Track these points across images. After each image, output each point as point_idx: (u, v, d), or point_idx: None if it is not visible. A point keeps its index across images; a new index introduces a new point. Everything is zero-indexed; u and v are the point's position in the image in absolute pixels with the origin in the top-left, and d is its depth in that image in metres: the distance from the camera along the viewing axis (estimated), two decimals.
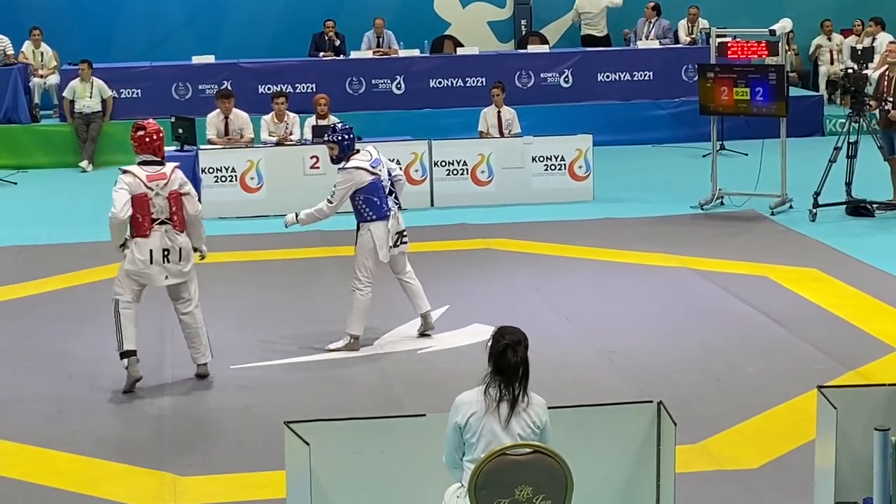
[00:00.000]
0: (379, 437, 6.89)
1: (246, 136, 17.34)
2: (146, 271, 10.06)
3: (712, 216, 16.18)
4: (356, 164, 10.88)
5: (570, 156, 17.28)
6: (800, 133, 20.44)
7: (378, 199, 10.85)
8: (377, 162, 10.95)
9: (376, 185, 10.85)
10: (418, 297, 11.29)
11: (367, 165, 10.87)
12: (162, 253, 10.06)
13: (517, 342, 6.26)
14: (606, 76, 21.86)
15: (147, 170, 10.08)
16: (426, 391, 10.00)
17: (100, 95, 20.30)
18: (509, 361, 6.22)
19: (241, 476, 8.53)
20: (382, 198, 10.87)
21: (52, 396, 10.12)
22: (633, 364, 10.61)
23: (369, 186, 10.82)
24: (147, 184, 10.00)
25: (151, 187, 10.01)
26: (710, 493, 8.16)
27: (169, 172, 10.10)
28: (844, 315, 11.81)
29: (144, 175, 10.03)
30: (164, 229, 10.07)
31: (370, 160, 10.91)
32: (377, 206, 10.85)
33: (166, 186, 10.05)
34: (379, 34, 22.06)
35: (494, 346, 6.28)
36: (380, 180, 10.88)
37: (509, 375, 6.23)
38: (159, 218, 10.05)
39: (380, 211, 10.86)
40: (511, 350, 6.23)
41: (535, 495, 6.04)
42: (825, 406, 7.30)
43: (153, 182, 10.03)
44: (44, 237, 15.39)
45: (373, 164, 10.89)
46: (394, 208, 10.98)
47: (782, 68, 16.26)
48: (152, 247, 10.03)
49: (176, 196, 10.08)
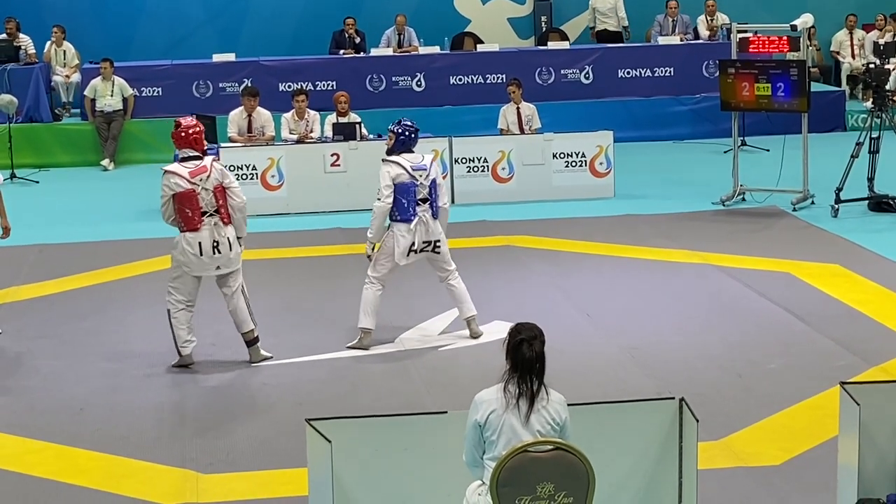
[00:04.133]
0: (400, 435, 6.90)
1: (267, 134, 17.36)
2: (196, 262, 10.34)
3: (734, 212, 16.15)
4: (397, 160, 10.84)
5: (590, 152, 17.26)
6: (821, 129, 20.37)
7: (406, 201, 10.78)
8: (421, 168, 10.84)
9: (409, 187, 10.78)
10: (460, 302, 11.21)
11: (408, 166, 10.80)
12: (211, 245, 10.32)
13: (533, 337, 6.27)
14: (627, 72, 21.82)
15: (188, 165, 10.34)
16: (447, 388, 10.00)
17: (121, 94, 20.36)
18: (525, 355, 6.23)
19: (263, 473, 8.54)
20: (411, 201, 10.79)
21: (74, 395, 10.15)
22: (655, 360, 10.60)
23: (401, 186, 10.77)
24: (191, 180, 10.26)
25: (196, 182, 10.27)
26: (733, 489, 8.14)
27: (209, 165, 10.34)
28: (867, 311, 11.77)
29: (187, 172, 10.28)
30: (212, 222, 10.35)
31: (414, 164, 10.83)
32: (403, 207, 10.80)
33: (209, 179, 10.30)
34: (400, 31, 22.06)
35: (511, 341, 6.30)
36: (414, 184, 10.79)
37: (526, 370, 6.24)
38: (208, 211, 10.32)
39: (404, 213, 10.81)
40: (527, 344, 6.24)
41: (556, 492, 6.03)
42: (848, 402, 7.28)
43: (196, 177, 10.29)
44: (65, 236, 15.44)
45: (414, 167, 10.81)
46: (424, 216, 10.87)
47: (804, 63, 16.21)
48: (202, 239, 10.31)
49: (220, 189, 10.34)
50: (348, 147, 16.67)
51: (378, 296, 10.99)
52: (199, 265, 10.40)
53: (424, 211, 10.87)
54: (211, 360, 10.85)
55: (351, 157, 16.59)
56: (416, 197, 10.81)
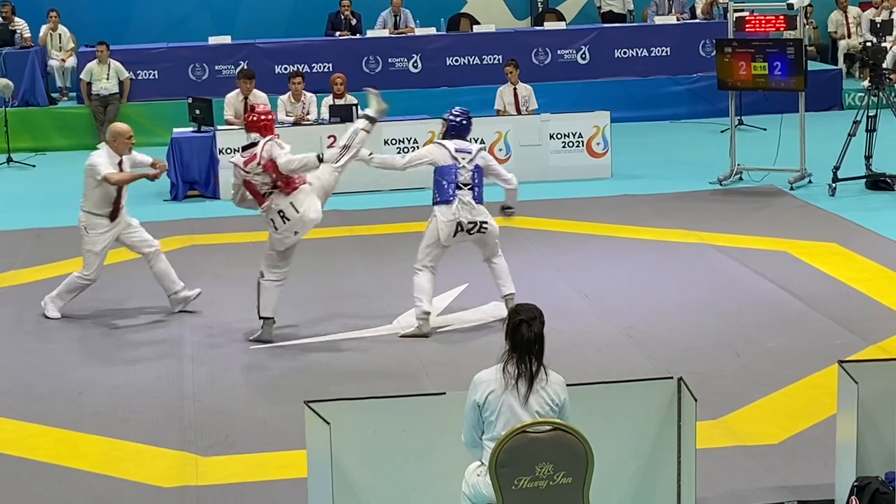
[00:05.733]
0: (399, 416, 6.91)
1: None
2: (277, 237, 10.76)
3: (731, 192, 16.14)
4: (444, 142, 11.01)
5: (587, 132, 17.25)
6: (818, 107, 20.34)
7: (447, 183, 10.83)
8: (465, 151, 10.93)
9: (450, 169, 10.84)
10: (500, 280, 11.19)
11: (452, 149, 10.91)
12: (279, 216, 10.68)
13: (532, 318, 6.29)
14: (624, 52, 21.79)
15: (245, 155, 10.81)
16: (446, 369, 10.01)
17: (117, 77, 20.32)
18: (523, 336, 6.25)
19: (263, 456, 8.55)
20: (451, 183, 10.82)
21: (73, 378, 10.15)
22: (653, 340, 10.60)
23: (443, 168, 10.86)
24: (245, 169, 10.75)
25: (248, 171, 10.72)
26: (731, 468, 8.15)
27: (259, 151, 10.67)
28: (865, 289, 11.78)
29: (242, 162, 10.79)
30: (271, 197, 10.72)
31: (459, 147, 10.93)
32: (443, 189, 10.85)
33: (259, 164, 10.64)
34: (396, 13, 22.01)
35: (510, 322, 6.33)
36: (455, 167, 10.84)
37: (524, 351, 6.26)
38: (266, 191, 10.72)
39: (444, 195, 10.84)
40: (526, 325, 6.27)
41: (555, 472, 6.04)
42: (846, 381, 7.29)
43: (248, 166, 10.72)
44: (63, 220, 15.38)
45: (458, 149, 10.91)
46: (464, 198, 10.82)
47: (800, 42, 16.19)
48: (273, 217, 10.72)
49: (270, 164, 10.63)
50: (344, 129, 16.60)
51: (430, 280, 10.94)
52: (279, 240, 10.76)
53: (465, 194, 10.86)
54: (209, 342, 10.86)
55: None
56: (456, 179, 10.84)
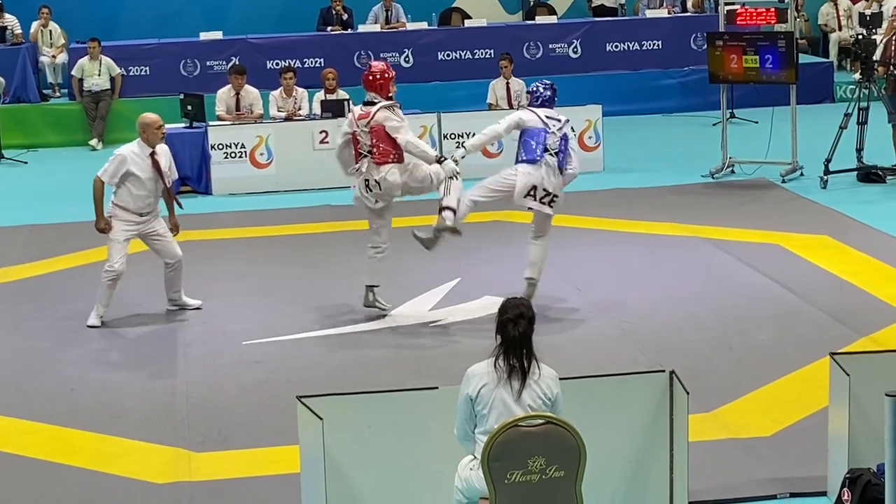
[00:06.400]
0: (392, 411, 6.92)
1: (255, 112, 17.33)
2: (359, 196, 10.96)
3: (723, 185, 16.15)
4: (534, 110, 11.10)
5: (579, 126, 17.22)
6: (810, 100, 20.37)
7: (535, 143, 10.91)
8: (556, 122, 11.03)
9: (539, 132, 10.93)
10: (530, 263, 11.29)
11: (543, 115, 11.01)
12: (364, 182, 10.83)
13: (519, 315, 6.33)
14: (615, 46, 21.78)
15: (363, 110, 10.89)
16: (438, 363, 10.01)
17: (108, 73, 20.29)
18: (510, 335, 6.29)
19: (256, 451, 8.55)
20: (539, 144, 10.91)
21: (66, 375, 10.15)
22: (646, 333, 10.62)
23: (533, 130, 10.95)
24: (356, 122, 10.86)
25: (358, 125, 10.83)
26: (724, 461, 8.16)
27: (373, 112, 10.77)
28: (857, 282, 11.80)
29: (357, 114, 10.90)
30: (366, 162, 10.82)
31: (549, 115, 11.04)
32: (531, 148, 10.92)
33: (368, 124, 10.74)
34: (387, 7, 21.98)
35: (499, 319, 6.38)
36: (546, 131, 10.94)
37: (515, 347, 6.28)
38: (362, 152, 10.85)
39: (531, 153, 10.91)
40: (512, 324, 6.31)
41: (548, 466, 6.05)
42: (838, 373, 7.31)
43: (360, 121, 10.82)
44: (55, 216, 15.40)
45: (548, 116, 11.03)
46: (551, 161, 10.93)
47: (791, 35, 16.20)
48: (358, 181, 10.89)
49: (377, 129, 10.73)
50: (337, 124, 16.61)
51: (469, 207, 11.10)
52: (360, 201, 10.99)
53: (551, 159, 10.95)
54: (201, 338, 10.86)
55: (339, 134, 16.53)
56: (545, 142, 10.92)
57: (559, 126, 11.04)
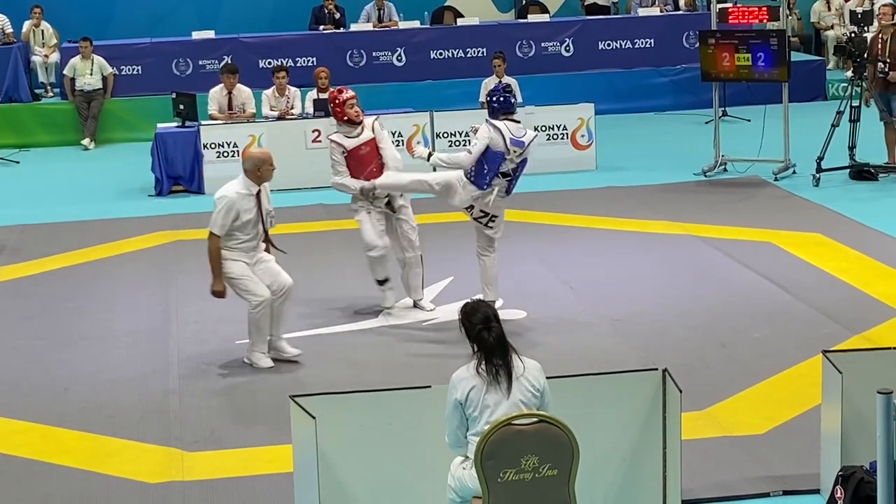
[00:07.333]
0: (385, 410, 6.92)
1: (248, 111, 17.32)
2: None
3: (715, 183, 16.16)
4: (499, 125, 10.53)
5: (572, 125, 17.25)
6: (802, 98, 20.39)
7: (488, 168, 10.50)
8: (519, 143, 10.53)
9: (497, 157, 10.49)
10: (485, 283, 10.92)
11: (508, 138, 10.49)
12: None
13: (486, 319, 6.31)
14: (607, 44, 21.78)
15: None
16: (431, 362, 10.01)
17: (100, 73, 20.25)
18: (488, 343, 6.27)
19: (249, 450, 8.54)
20: (492, 171, 10.51)
21: (58, 375, 10.14)
22: (638, 331, 10.62)
23: (491, 153, 10.50)
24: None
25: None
26: (717, 459, 8.16)
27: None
28: (849, 279, 11.81)
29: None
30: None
31: (515, 137, 10.52)
32: (483, 173, 10.52)
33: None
34: (380, 6, 21.97)
35: (468, 329, 6.34)
36: (503, 156, 10.50)
37: (492, 353, 6.27)
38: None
39: (481, 180, 10.53)
40: (486, 332, 6.28)
41: (541, 465, 6.05)
42: (830, 371, 7.32)
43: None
44: (47, 216, 15.38)
45: (513, 140, 10.50)
46: (501, 185, 10.57)
47: (784, 33, 16.21)
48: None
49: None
50: (329, 123, 16.59)
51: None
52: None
53: (500, 185, 10.63)
54: (194, 338, 10.84)
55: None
56: (498, 169, 10.56)
57: (520, 152, 10.55)
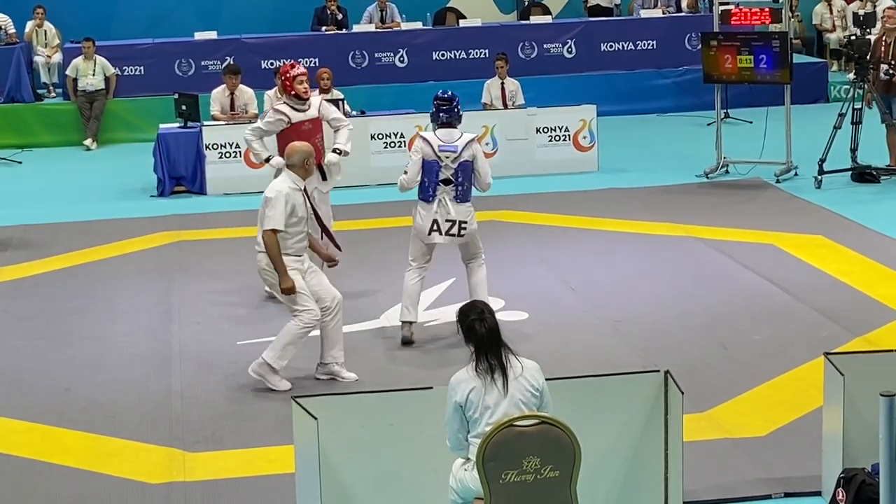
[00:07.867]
0: (386, 411, 6.92)
1: (250, 112, 17.31)
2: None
3: (717, 185, 16.16)
4: (427, 136, 10.52)
5: (574, 126, 17.26)
6: (804, 100, 20.38)
7: (428, 180, 10.46)
8: (450, 149, 10.42)
9: (431, 166, 10.44)
10: (473, 292, 10.63)
11: (435, 146, 10.45)
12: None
13: (481, 312, 6.38)
14: (610, 46, 21.78)
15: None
16: (433, 363, 10.01)
17: (103, 73, 20.27)
18: (479, 333, 6.32)
19: (250, 451, 8.54)
20: (432, 182, 10.45)
21: (59, 375, 10.14)
22: (640, 333, 10.62)
23: (426, 164, 10.46)
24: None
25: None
26: (718, 461, 8.16)
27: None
28: (851, 281, 11.80)
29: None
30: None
31: (443, 143, 10.44)
32: (424, 187, 10.49)
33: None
34: (382, 7, 21.97)
35: (463, 325, 6.40)
36: (438, 164, 10.44)
37: (487, 345, 6.29)
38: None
39: (424, 193, 10.50)
40: (478, 322, 6.33)
41: (542, 466, 6.05)
42: (832, 373, 7.32)
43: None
44: (49, 216, 15.39)
45: (441, 147, 10.43)
46: (444, 198, 10.46)
47: (786, 35, 16.21)
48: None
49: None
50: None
51: (416, 284, 10.60)
52: None
53: (445, 193, 10.50)
54: (196, 338, 10.85)
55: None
56: (437, 178, 10.47)
57: (454, 156, 10.41)
